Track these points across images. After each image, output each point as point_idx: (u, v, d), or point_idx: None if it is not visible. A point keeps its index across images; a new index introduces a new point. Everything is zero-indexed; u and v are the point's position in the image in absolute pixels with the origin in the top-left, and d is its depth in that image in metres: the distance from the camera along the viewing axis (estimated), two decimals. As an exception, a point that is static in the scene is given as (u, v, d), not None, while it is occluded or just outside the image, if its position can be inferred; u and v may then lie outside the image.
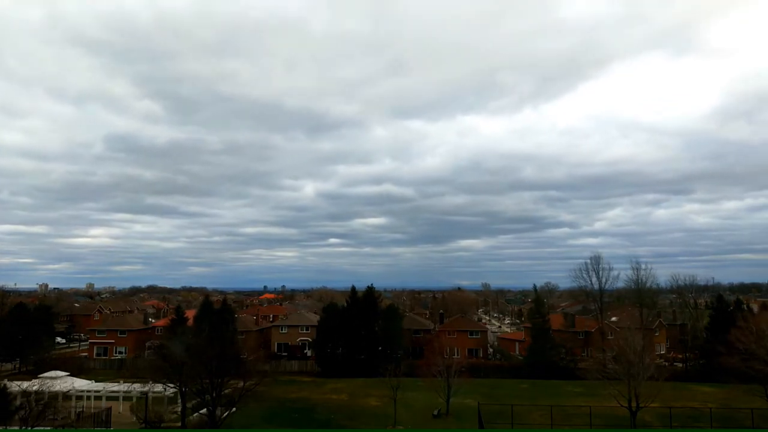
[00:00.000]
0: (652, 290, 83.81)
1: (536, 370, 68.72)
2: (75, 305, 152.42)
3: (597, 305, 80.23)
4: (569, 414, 45.94)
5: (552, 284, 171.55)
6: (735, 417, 45.78)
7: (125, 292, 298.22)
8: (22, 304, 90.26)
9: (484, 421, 43.10)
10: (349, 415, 48.44)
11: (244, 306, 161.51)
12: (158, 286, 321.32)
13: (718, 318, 69.17)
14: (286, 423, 45.77)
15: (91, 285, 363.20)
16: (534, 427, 44.35)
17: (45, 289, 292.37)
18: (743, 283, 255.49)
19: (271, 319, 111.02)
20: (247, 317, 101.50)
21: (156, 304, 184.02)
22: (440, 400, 48.57)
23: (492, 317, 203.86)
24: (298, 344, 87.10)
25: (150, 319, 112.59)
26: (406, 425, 44.28)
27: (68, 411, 44.82)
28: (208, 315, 76.86)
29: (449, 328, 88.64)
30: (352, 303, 75.96)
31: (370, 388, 59.25)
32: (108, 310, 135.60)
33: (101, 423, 42.45)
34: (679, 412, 45.50)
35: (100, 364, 78.36)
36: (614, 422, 43.94)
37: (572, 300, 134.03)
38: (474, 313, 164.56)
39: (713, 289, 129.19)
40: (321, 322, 76.65)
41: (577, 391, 57.86)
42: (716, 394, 56.93)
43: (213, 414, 38.95)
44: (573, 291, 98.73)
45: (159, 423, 42.66)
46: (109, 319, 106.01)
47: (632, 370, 41.24)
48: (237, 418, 41.46)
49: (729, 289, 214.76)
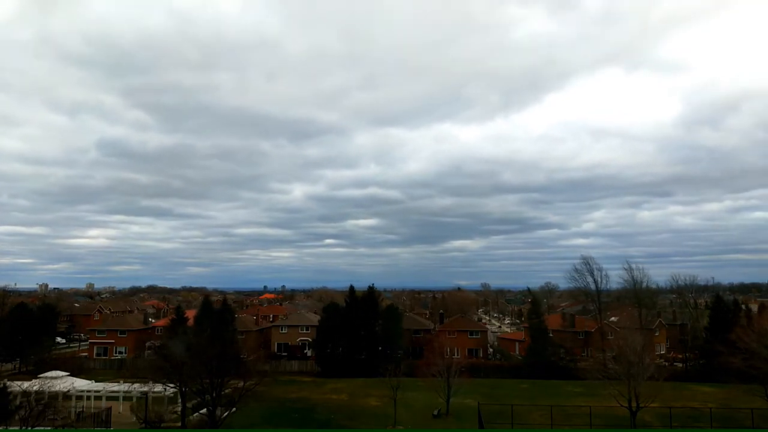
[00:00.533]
0: (650, 290, 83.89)
1: (536, 370, 68.77)
2: (75, 305, 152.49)
3: (596, 305, 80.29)
4: (569, 414, 45.96)
5: (552, 284, 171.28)
6: (735, 417, 45.80)
7: (125, 292, 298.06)
8: (23, 304, 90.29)
9: (484, 421, 43.09)
10: (349, 415, 48.44)
11: (244, 306, 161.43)
12: (158, 286, 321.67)
13: (718, 318, 69.41)
14: (286, 423, 45.78)
15: (91, 285, 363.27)
16: (534, 427, 44.36)
17: (45, 289, 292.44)
18: (743, 283, 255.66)
19: (271, 319, 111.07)
20: (247, 317, 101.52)
21: (156, 304, 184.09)
22: (440, 400, 48.59)
23: (492, 317, 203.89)
24: (298, 344, 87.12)
25: (150, 319, 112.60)
26: (406, 425, 44.29)
27: (68, 411, 44.80)
28: (208, 315, 76.84)
29: (449, 328, 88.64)
30: (352, 303, 75.99)
31: (370, 388, 59.26)
32: (108, 310, 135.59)
33: (101, 423, 42.47)
34: (679, 412, 45.52)
35: (100, 364, 78.35)
36: (614, 422, 43.95)
37: (572, 300, 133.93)
38: (474, 313, 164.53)
39: (713, 289, 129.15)
40: (321, 322, 76.67)
41: (577, 391, 57.86)
42: (716, 394, 56.93)
43: (213, 414, 38.96)
44: (573, 291, 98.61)
45: (159, 423, 42.67)
46: (109, 319, 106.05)
47: (632, 370, 41.27)
48: (237, 418, 41.45)
49: (729, 289, 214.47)
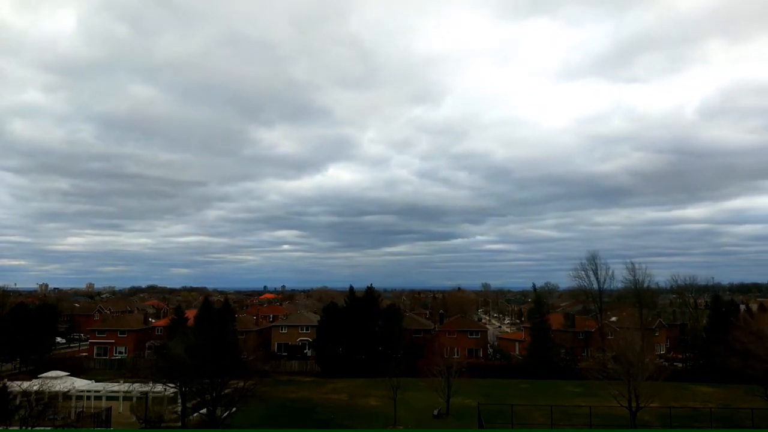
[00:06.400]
0: (651, 290, 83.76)
1: (536, 370, 68.75)
2: (75, 305, 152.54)
3: (596, 305, 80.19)
4: (569, 414, 45.98)
5: (552, 284, 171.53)
6: (735, 417, 45.84)
7: (125, 292, 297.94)
8: (23, 303, 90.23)
9: (484, 421, 43.09)
10: (349, 415, 48.46)
11: (244, 306, 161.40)
12: (158, 286, 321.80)
13: (717, 318, 69.46)
14: (286, 423, 45.80)
15: (91, 285, 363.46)
16: (534, 427, 44.39)
17: (45, 289, 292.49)
18: (743, 282, 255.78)
19: (271, 319, 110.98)
20: (247, 317, 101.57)
21: (156, 304, 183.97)
22: (440, 400, 48.61)
23: (492, 317, 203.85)
24: (298, 344, 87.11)
25: (150, 319, 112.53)
26: (407, 425, 44.30)
27: (68, 411, 44.88)
28: (208, 315, 76.90)
29: (449, 328, 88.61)
30: (352, 303, 75.99)
31: (370, 388, 59.28)
32: (108, 310, 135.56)
33: (101, 423, 42.47)
34: (679, 412, 45.54)
35: (100, 364, 78.35)
36: (614, 422, 43.96)
37: (572, 300, 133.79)
38: (474, 313, 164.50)
39: (713, 289, 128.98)
40: (321, 322, 76.64)
41: (577, 391, 57.88)
42: (716, 394, 56.98)
43: (213, 414, 38.98)
44: (573, 291, 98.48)
45: (159, 423, 42.70)
46: (109, 319, 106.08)
47: (632, 370, 41.29)
48: (237, 418, 41.44)
49: (729, 289, 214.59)
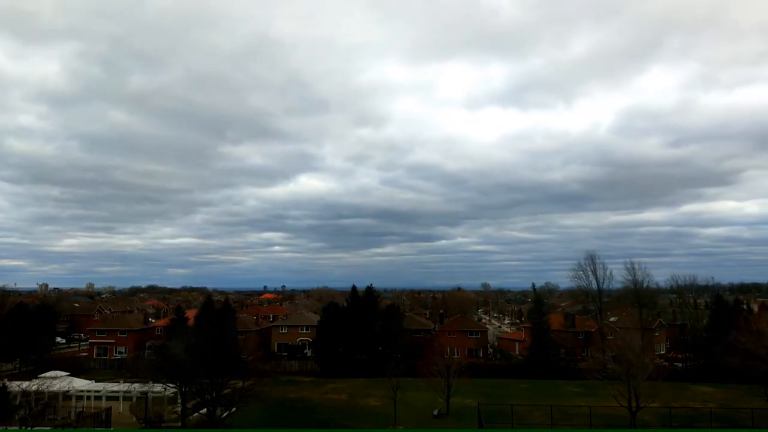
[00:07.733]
0: (651, 290, 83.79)
1: (536, 370, 68.74)
2: (75, 305, 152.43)
3: (596, 305, 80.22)
4: (569, 414, 45.98)
5: (552, 284, 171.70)
6: (735, 417, 45.81)
7: (125, 292, 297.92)
8: (23, 303, 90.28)
9: (484, 421, 43.09)
10: (349, 415, 48.45)
11: (244, 306, 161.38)
12: (158, 286, 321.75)
13: (717, 318, 69.43)
14: (286, 423, 45.80)
15: (91, 285, 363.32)
16: (534, 427, 44.39)
17: (45, 289, 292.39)
18: (743, 282, 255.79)
19: (271, 319, 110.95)
20: (247, 317, 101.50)
21: (156, 304, 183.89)
22: (440, 400, 48.62)
23: (492, 317, 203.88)
24: (298, 344, 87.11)
25: (150, 319, 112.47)
26: (407, 425, 44.30)
27: (68, 411, 44.98)
28: (208, 315, 76.83)
29: (449, 328, 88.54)
30: (353, 303, 75.99)
31: (370, 388, 59.30)
32: (108, 310, 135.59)
33: (101, 423, 42.46)
34: (679, 412, 45.54)
35: (100, 364, 78.30)
36: (614, 422, 43.97)
37: (572, 300, 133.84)
38: (474, 313, 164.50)
39: (713, 289, 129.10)
40: (321, 322, 76.61)
41: (577, 391, 57.89)
42: (716, 394, 56.97)
43: (213, 414, 38.97)
44: (573, 291, 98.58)
45: (159, 423, 42.71)
46: (109, 319, 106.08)
47: (632, 370, 41.27)
48: (237, 418, 41.44)
49: (729, 289, 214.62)
